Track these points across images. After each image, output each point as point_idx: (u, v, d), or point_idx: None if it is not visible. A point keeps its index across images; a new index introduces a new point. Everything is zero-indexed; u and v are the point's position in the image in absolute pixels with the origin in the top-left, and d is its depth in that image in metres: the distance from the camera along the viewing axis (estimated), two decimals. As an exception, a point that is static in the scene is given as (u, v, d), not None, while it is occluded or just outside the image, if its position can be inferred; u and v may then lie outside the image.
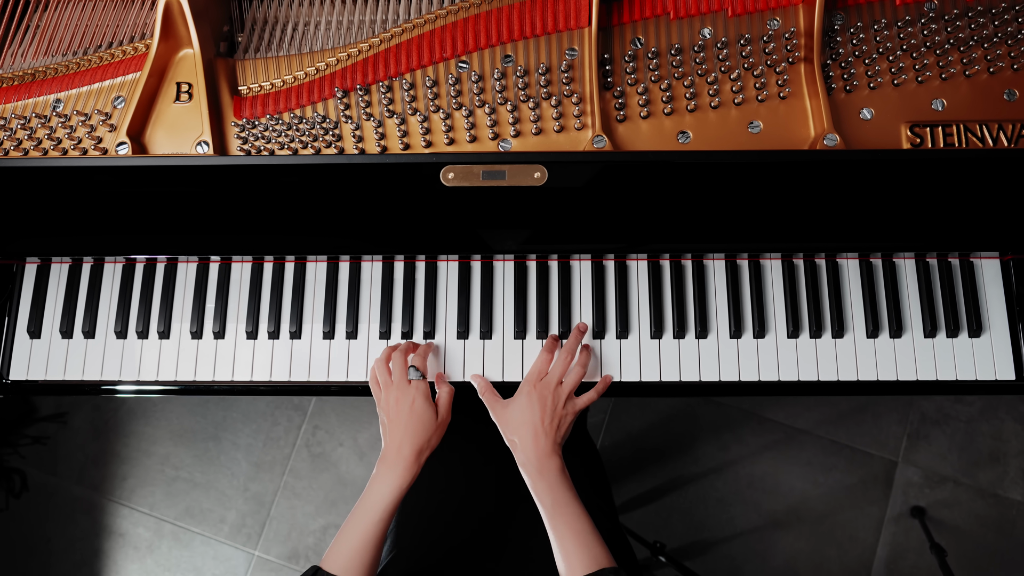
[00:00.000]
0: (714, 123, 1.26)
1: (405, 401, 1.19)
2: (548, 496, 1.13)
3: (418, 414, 1.18)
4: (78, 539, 2.35)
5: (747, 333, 1.29)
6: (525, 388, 1.21)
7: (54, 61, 1.30)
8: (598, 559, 1.07)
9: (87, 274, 1.34)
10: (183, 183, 1.19)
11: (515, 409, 1.20)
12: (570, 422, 1.21)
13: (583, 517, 1.12)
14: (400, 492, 1.14)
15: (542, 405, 1.18)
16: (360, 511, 1.13)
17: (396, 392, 1.20)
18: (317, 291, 1.32)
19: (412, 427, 1.17)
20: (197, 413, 2.41)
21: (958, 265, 1.31)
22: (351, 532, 1.11)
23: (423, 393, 1.20)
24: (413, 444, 1.16)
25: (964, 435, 2.32)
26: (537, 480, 1.14)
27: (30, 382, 1.31)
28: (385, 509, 1.12)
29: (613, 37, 1.29)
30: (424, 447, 1.17)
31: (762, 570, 2.25)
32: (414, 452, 1.16)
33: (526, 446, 1.16)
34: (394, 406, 1.19)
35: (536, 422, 1.17)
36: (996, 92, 1.26)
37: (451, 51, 1.27)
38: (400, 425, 1.17)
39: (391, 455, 1.16)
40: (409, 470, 1.15)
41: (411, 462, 1.15)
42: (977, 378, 1.28)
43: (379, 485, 1.14)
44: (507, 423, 1.20)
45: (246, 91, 1.28)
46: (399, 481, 1.14)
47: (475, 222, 1.23)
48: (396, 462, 1.15)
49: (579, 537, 1.09)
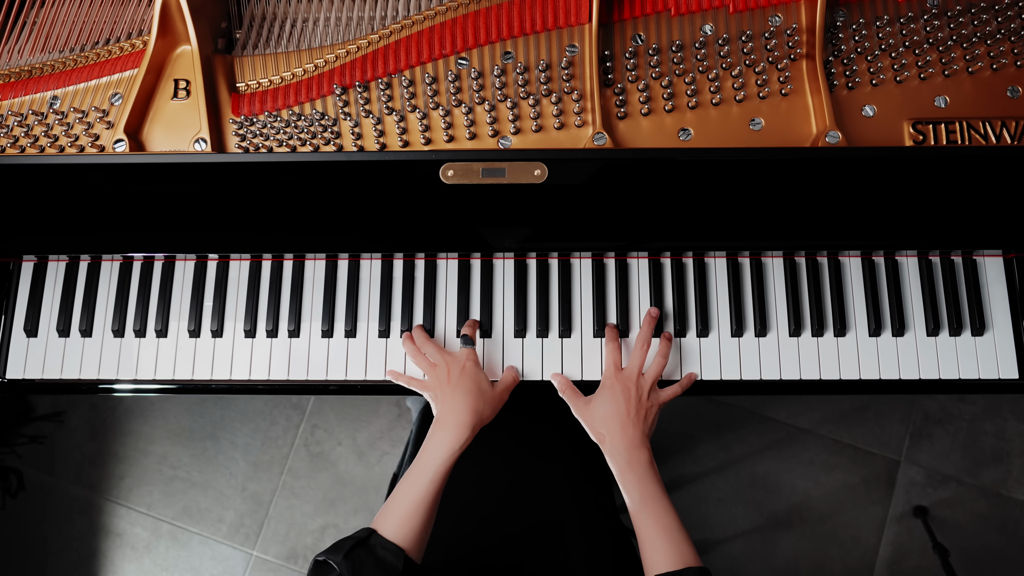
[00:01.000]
0: (715, 120, 1.26)
1: (456, 367, 1.19)
2: (636, 489, 1.12)
3: (470, 374, 1.19)
4: (75, 539, 2.35)
5: (749, 331, 1.29)
6: (607, 382, 1.22)
7: (51, 58, 1.30)
8: (684, 557, 1.06)
9: (84, 272, 1.34)
10: (181, 180, 1.19)
11: (599, 403, 1.20)
12: (656, 413, 1.20)
13: (671, 513, 1.11)
14: (453, 453, 1.13)
15: (626, 396, 1.18)
16: (412, 474, 1.12)
17: (445, 366, 1.21)
18: (316, 289, 1.32)
19: (464, 386, 1.17)
20: (195, 412, 2.41)
21: (961, 263, 1.31)
22: (403, 495, 1.11)
23: (472, 358, 1.21)
24: (466, 403, 1.16)
25: (967, 434, 2.32)
26: (626, 472, 1.14)
27: (27, 381, 1.31)
28: (438, 471, 1.12)
29: (614, 33, 1.29)
30: (477, 406, 1.16)
31: (764, 570, 2.25)
32: (467, 410, 1.15)
33: (614, 438, 1.16)
34: (445, 376, 1.19)
35: (622, 413, 1.17)
36: (999, 89, 1.27)
37: (450, 48, 1.27)
38: (452, 386, 1.18)
39: (444, 416, 1.16)
40: (462, 430, 1.14)
41: (464, 422, 1.14)
42: (980, 377, 1.28)
43: (432, 446, 1.14)
44: (592, 418, 1.20)
45: (244, 88, 1.28)
46: (452, 442, 1.13)
47: (475, 220, 1.23)
48: (449, 422, 1.15)
49: (666, 533, 1.08)
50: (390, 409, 2.39)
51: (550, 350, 1.29)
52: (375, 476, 2.35)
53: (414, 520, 1.08)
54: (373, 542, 1.05)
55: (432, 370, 1.23)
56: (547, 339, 1.30)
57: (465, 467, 1.38)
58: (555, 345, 1.29)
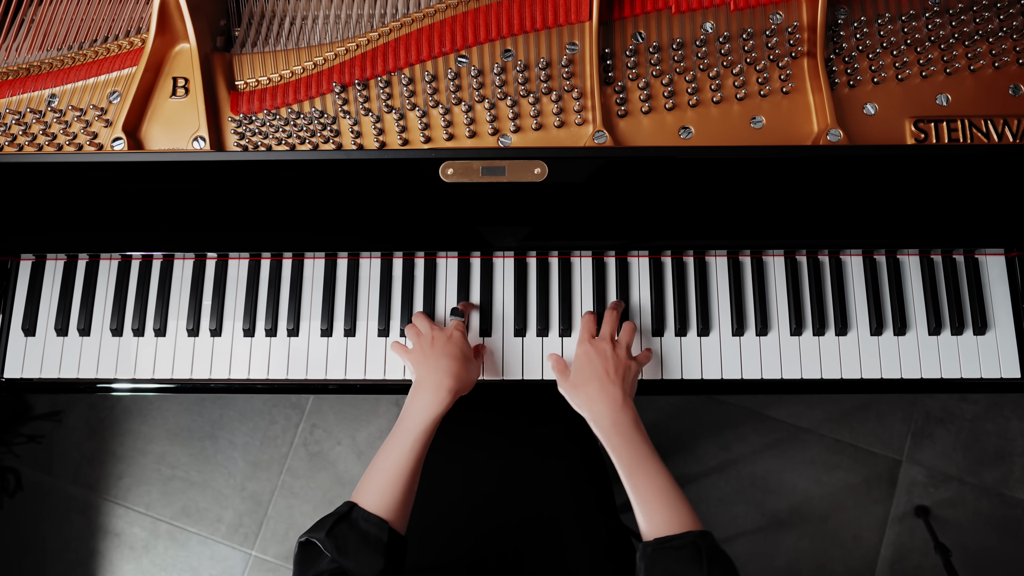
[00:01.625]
0: (716, 118, 1.26)
1: (442, 336, 1.19)
2: (625, 451, 1.09)
3: (456, 342, 1.18)
4: (73, 539, 2.35)
5: (750, 330, 1.30)
6: (581, 347, 1.20)
7: (49, 56, 1.30)
8: (683, 520, 1.02)
9: (82, 271, 1.34)
10: (179, 179, 1.19)
11: (576, 368, 1.20)
12: (636, 373, 1.18)
13: (664, 473, 1.07)
14: (434, 419, 1.11)
15: (602, 356, 1.17)
16: (391, 442, 1.10)
17: (430, 335, 1.21)
18: (315, 288, 1.32)
19: (449, 351, 1.17)
20: (193, 412, 2.41)
21: (963, 262, 1.31)
22: (382, 464, 1.08)
23: (461, 328, 1.21)
24: (449, 368, 1.15)
25: (969, 434, 2.32)
26: (612, 435, 1.10)
27: (25, 380, 1.31)
28: (418, 438, 1.09)
29: (614, 31, 1.29)
30: (459, 372, 1.15)
31: (765, 570, 2.25)
32: (449, 375, 1.14)
33: (594, 400, 1.14)
34: (429, 344, 1.19)
35: (601, 374, 1.15)
36: (1001, 87, 1.27)
37: (450, 46, 1.27)
38: (436, 351, 1.17)
39: (424, 379, 1.15)
40: (442, 393, 1.12)
41: (445, 386, 1.13)
42: (982, 376, 1.28)
43: (411, 411, 1.12)
44: (573, 386, 1.18)
45: (243, 86, 1.28)
46: (433, 406, 1.12)
47: (474, 218, 1.23)
48: (429, 386, 1.13)
49: (662, 494, 1.05)
50: (390, 408, 2.39)
51: (550, 349, 1.29)
52: (374, 476, 2.34)
53: (396, 489, 1.06)
54: (355, 515, 1.04)
55: (418, 338, 1.22)
56: (547, 338, 1.30)
57: (462, 469, 1.39)
58: (555, 344, 1.29)
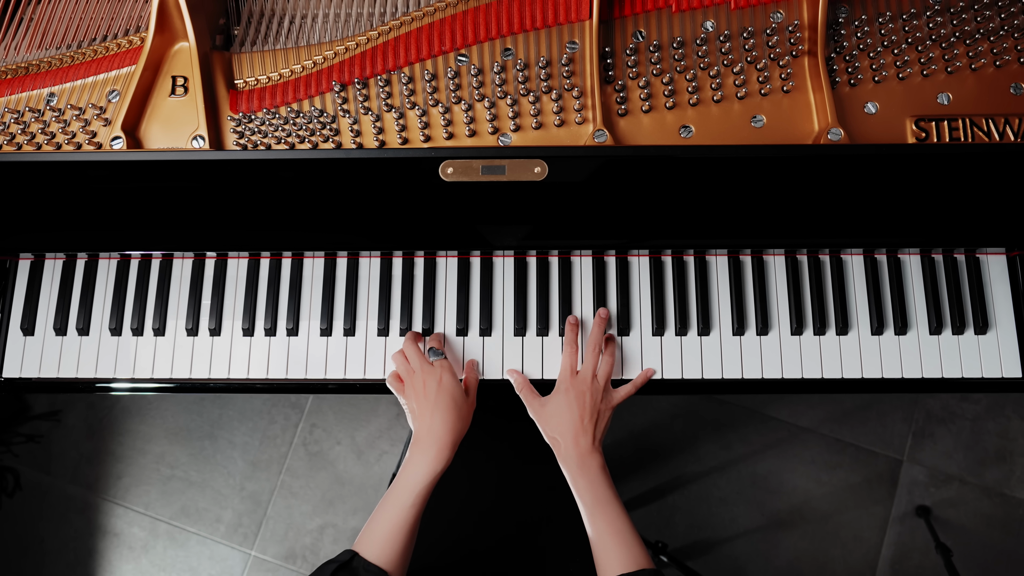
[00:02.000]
0: (717, 117, 1.26)
1: (432, 380, 1.19)
2: (589, 493, 1.14)
3: (447, 390, 1.18)
4: (72, 539, 2.35)
5: (750, 330, 1.30)
6: (562, 385, 1.22)
7: (48, 55, 1.30)
8: (637, 559, 1.08)
9: (81, 270, 1.34)
10: (179, 178, 1.19)
11: (553, 408, 1.21)
12: (608, 417, 1.21)
13: (623, 515, 1.13)
14: (433, 476, 1.13)
15: (580, 402, 1.19)
16: (393, 496, 1.12)
17: (421, 376, 1.20)
18: (314, 288, 1.32)
19: (443, 404, 1.17)
20: (193, 411, 2.42)
21: (964, 261, 1.31)
22: (384, 517, 1.11)
23: (448, 369, 1.20)
24: (445, 423, 1.16)
25: (970, 433, 2.32)
26: (578, 477, 1.15)
27: (23, 379, 1.31)
28: (418, 494, 1.12)
29: (614, 30, 1.29)
30: (456, 424, 1.17)
31: (765, 570, 2.25)
32: (447, 431, 1.15)
33: (567, 445, 1.17)
34: (421, 389, 1.19)
35: (575, 421, 1.18)
36: (1002, 85, 1.27)
37: (450, 44, 1.27)
38: (430, 405, 1.17)
39: (423, 437, 1.16)
40: (443, 452, 1.14)
41: (444, 443, 1.15)
42: (983, 376, 1.28)
43: (412, 468, 1.14)
44: (547, 422, 1.21)
45: (242, 85, 1.28)
46: (432, 464, 1.13)
47: (474, 218, 1.24)
48: (429, 444, 1.15)
49: (619, 536, 1.11)
50: (389, 408, 2.39)
51: (551, 349, 1.29)
52: (374, 475, 2.35)
53: (396, 543, 1.09)
54: (356, 564, 1.06)
55: (409, 377, 1.22)
56: (547, 338, 1.30)
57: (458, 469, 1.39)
58: (555, 344, 1.30)
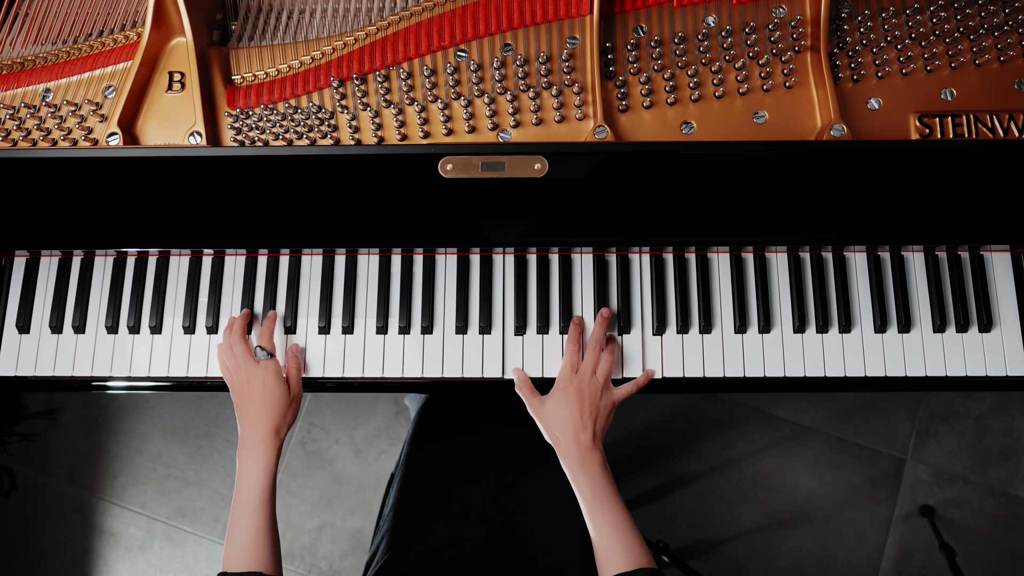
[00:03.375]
0: (718, 113, 1.26)
1: (256, 382, 1.20)
2: (589, 490, 1.14)
3: (270, 392, 1.20)
4: (68, 539, 2.36)
5: (752, 328, 1.30)
6: (561, 383, 1.22)
7: (43, 50, 1.30)
8: (637, 557, 1.09)
9: (77, 267, 1.34)
10: (175, 174, 1.19)
11: (553, 405, 1.21)
12: (608, 414, 1.21)
13: (624, 513, 1.13)
14: (269, 473, 1.15)
15: (579, 399, 1.19)
16: (239, 505, 1.14)
17: (245, 374, 1.22)
18: (312, 285, 1.33)
19: (266, 406, 1.19)
20: (190, 410, 2.42)
21: (968, 258, 1.32)
22: (239, 527, 1.13)
23: (273, 371, 1.22)
24: (269, 423, 1.18)
25: (974, 432, 2.33)
26: (579, 474, 1.16)
27: (19, 378, 1.32)
28: (261, 493, 1.14)
29: (615, 25, 1.29)
30: (280, 424, 1.19)
31: (767, 570, 2.26)
32: (271, 430, 1.17)
33: (567, 441, 1.17)
34: (244, 388, 1.21)
35: (576, 418, 1.18)
36: (1007, 81, 1.27)
37: (449, 40, 1.27)
38: (254, 407, 1.19)
39: (250, 439, 1.18)
40: (270, 449, 1.16)
41: (270, 441, 1.17)
42: (987, 374, 1.28)
43: (248, 474, 1.15)
44: (547, 420, 1.21)
45: (240, 80, 1.28)
46: (264, 462, 1.15)
47: (474, 214, 1.24)
48: (256, 445, 1.17)
49: (619, 533, 1.11)
50: (388, 407, 2.40)
51: (551, 347, 1.30)
52: (373, 475, 2.35)
53: (259, 544, 1.11)
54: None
55: (236, 372, 1.23)
56: (547, 336, 1.30)
57: (456, 470, 1.40)
58: (555, 342, 1.30)
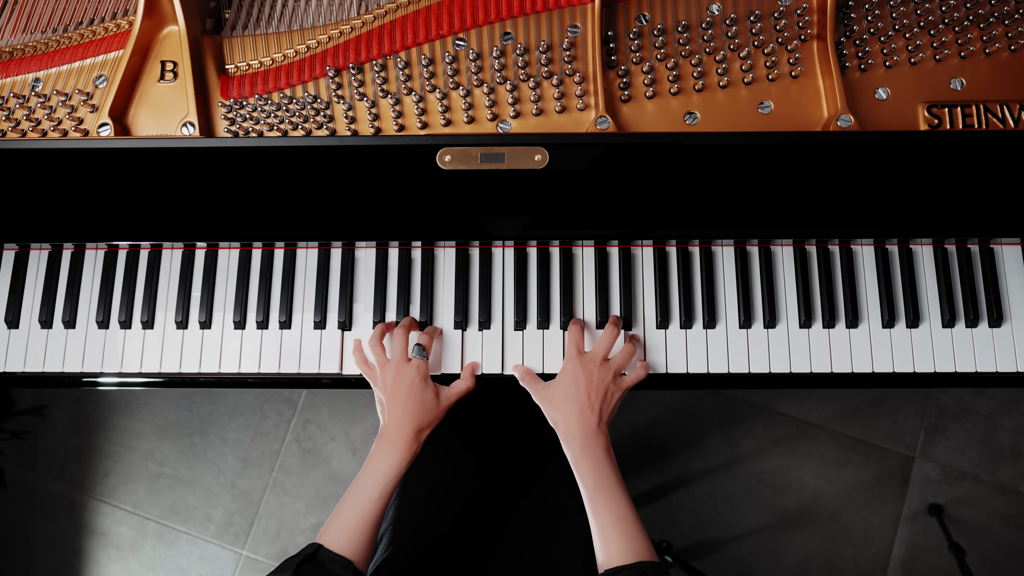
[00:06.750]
0: (723, 103, 1.27)
1: (403, 380, 1.20)
2: (591, 476, 1.13)
3: (416, 394, 1.19)
4: (58, 538, 2.36)
5: (757, 323, 1.30)
6: (568, 363, 1.21)
7: (33, 39, 1.30)
8: (639, 549, 1.07)
9: (67, 261, 1.35)
10: (168, 166, 1.20)
11: (559, 384, 1.21)
12: (618, 399, 1.20)
13: (626, 502, 1.12)
14: (400, 470, 1.15)
15: (588, 378, 1.18)
16: (358, 488, 1.14)
17: (393, 370, 1.21)
18: (308, 279, 1.33)
19: (411, 405, 1.18)
20: (182, 407, 2.42)
21: (978, 252, 1.32)
22: (349, 510, 1.13)
23: (421, 373, 1.21)
24: (412, 422, 1.17)
25: (984, 429, 2.33)
26: (581, 458, 1.14)
27: (7, 374, 1.32)
28: (385, 487, 1.14)
29: (617, 13, 1.29)
30: (424, 426, 1.18)
31: (773, 570, 2.27)
32: (413, 430, 1.17)
33: (570, 422, 1.16)
34: (392, 383, 1.20)
35: (582, 396, 1.17)
36: (1018, 70, 1.27)
37: (448, 28, 1.27)
38: (399, 402, 1.18)
39: (391, 431, 1.17)
40: (409, 447, 1.16)
41: (411, 439, 1.16)
42: (998, 370, 1.28)
43: (378, 462, 1.15)
44: (551, 400, 1.20)
45: (234, 70, 1.28)
46: (399, 458, 1.15)
47: (473, 207, 1.24)
48: (396, 438, 1.16)
49: (620, 523, 1.09)
50: (385, 404, 2.40)
51: (551, 342, 1.30)
52: (369, 473, 2.36)
53: (362, 535, 1.11)
54: (321, 556, 1.07)
55: (383, 366, 1.23)
56: (548, 331, 1.30)
57: (453, 470, 1.41)
58: (556, 337, 1.30)
